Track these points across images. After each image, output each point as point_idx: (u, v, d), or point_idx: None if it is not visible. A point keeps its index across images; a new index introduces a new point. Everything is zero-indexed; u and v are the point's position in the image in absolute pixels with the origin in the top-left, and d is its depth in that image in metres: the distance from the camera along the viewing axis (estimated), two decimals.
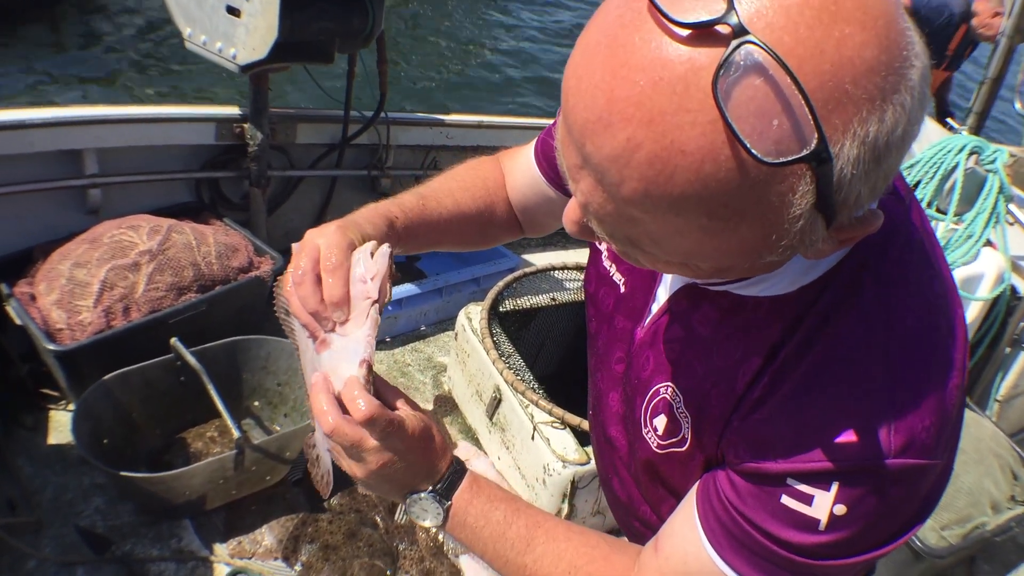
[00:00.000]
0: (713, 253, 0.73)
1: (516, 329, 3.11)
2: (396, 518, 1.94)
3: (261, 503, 2.53)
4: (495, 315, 2.98)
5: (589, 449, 2.52)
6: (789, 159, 0.62)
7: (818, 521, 0.84)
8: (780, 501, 0.86)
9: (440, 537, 2.55)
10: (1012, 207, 3.52)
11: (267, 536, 2.44)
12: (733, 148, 0.61)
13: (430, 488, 1.05)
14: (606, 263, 1.19)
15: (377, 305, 1.00)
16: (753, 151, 0.61)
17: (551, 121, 1.31)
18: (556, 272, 3.28)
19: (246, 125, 3.27)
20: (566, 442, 2.50)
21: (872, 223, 0.72)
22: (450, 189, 1.31)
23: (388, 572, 2.42)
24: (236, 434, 2.26)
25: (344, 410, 0.98)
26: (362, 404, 0.96)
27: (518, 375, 2.67)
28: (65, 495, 2.45)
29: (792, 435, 0.85)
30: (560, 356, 3.33)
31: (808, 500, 0.84)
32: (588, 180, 0.71)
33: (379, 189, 3.91)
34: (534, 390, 2.62)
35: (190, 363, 2.46)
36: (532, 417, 2.56)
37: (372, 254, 1.02)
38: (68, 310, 2.57)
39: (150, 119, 3.11)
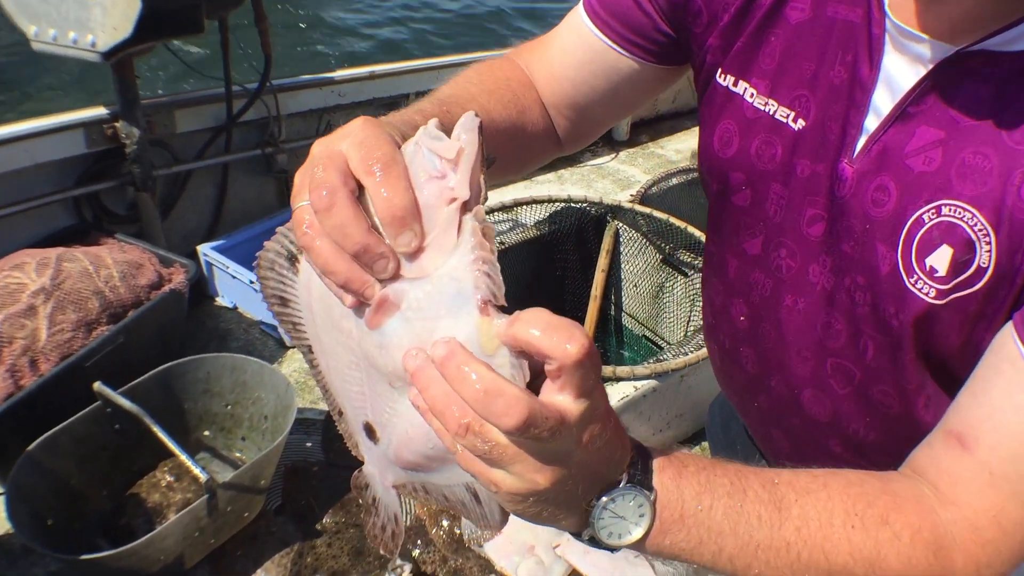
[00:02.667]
0: None
1: None
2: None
3: (247, 545, 2.24)
4: None
5: None
6: None
7: None
8: None
9: (457, 530, 2.27)
10: None
11: None
12: None
13: (623, 480, 0.70)
14: (758, 103, 0.96)
15: (472, 210, 0.65)
16: None
17: (461, 57, 1.02)
18: (499, 213, 3.01)
19: (118, 124, 2.94)
20: None
21: None
22: (471, 95, 1.02)
23: None
24: (203, 477, 1.95)
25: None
26: (510, 399, 0.59)
27: None
28: None
29: None
30: (519, 301, 3.05)
31: None
32: None
33: (276, 167, 3.61)
34: None
35: (123, 407, 2.14)
36: None
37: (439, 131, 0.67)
38: None
39: (6, 140, 2.76)
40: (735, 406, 1.24)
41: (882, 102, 0.86)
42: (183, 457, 2.00)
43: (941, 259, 0.81)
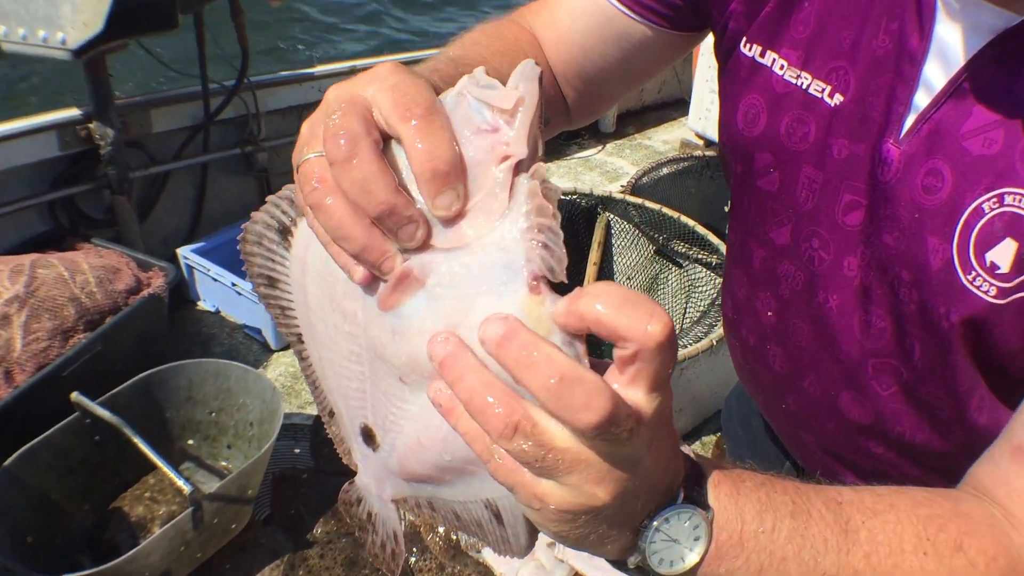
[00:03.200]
0: None
1: None
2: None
3: (235, 558, 2.16)
4: None
5: None
6: None
7: None
8: None
9: (454, 536, 2.20)
10: None
11: None
12: None
13: (680, 495, 0.59)
14: (788, 76, 0.86)
15: (530, 171, 0.54)
16: None
17: (435, 52, 0.93)
18: None
19: (92, 125, 2.86)
20: None
21: None
22: (482, 56, 0.93)
23: None
24: (187, 489, 1.88)
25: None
26: (590, 388, 0.48)
27: None
28: None
29: None
30: None
31: None
32: None
33: (256, 166, 3.54)
34: None
35: (103, 417, 2.07)
36: None
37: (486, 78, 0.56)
38: None
39: None
40: (759, 405, 1.15)
41: (934, 76, 0.77)
42: (165, 469, 1.92)
43: (1004, 254, 0.73)
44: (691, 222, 2.87)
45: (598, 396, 0.48)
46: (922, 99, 0.77)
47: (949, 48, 0.75)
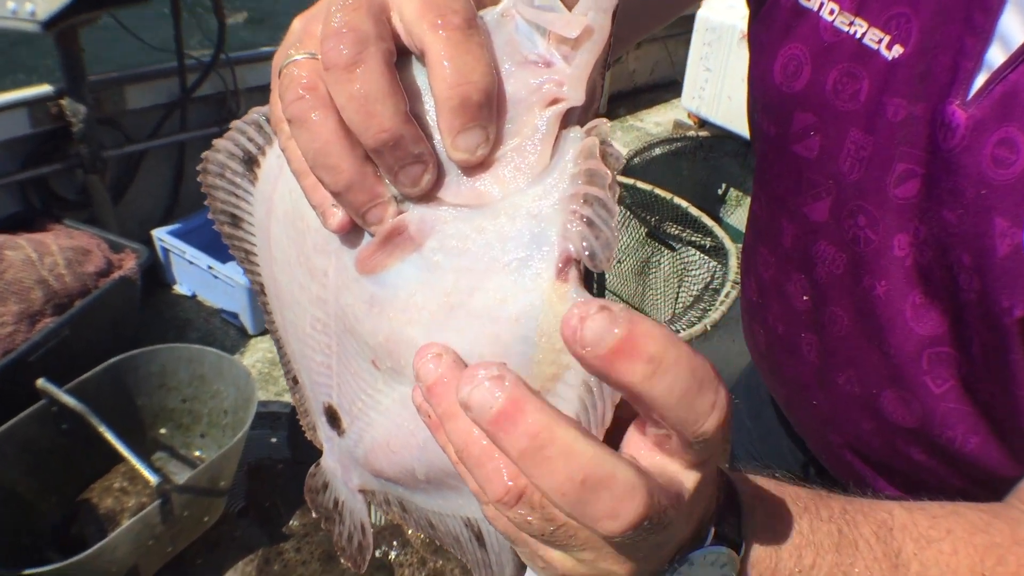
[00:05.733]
0: None
1: None
2: None
3: (207, 551, 2.09)
4: None
5: None
6: None
7: None
8: None
9: None
10: None
11: None
12: None
13: (710, 535, 0.49)
14: (840, 23, 0.75)
15: (587, 126, 0.43)
16: None
17: None
18: None
19: (63, 101, 2.78)
20: None
21: None
22: None
23: None
24: (153, 480, 1.80)
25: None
26: (621, 492, 0.38)
27: None
28: None
29: None
30: None
31: None
32: None
33: None
34: None
35: (68, 405, 1.98)
36: None
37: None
38: None
39: None
40: (779, 399, 1.04)
41: (1012, 29, 0.65)
42: (132, 459, 1.84)
43: None
44: (684, 203, 2.78)
45: (630, 499, 0.38)
46: (996, 55, 0.66)
47: (1013, 8, 0.64)
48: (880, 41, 0.72)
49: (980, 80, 0.66)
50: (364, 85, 0.40)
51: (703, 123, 3.99)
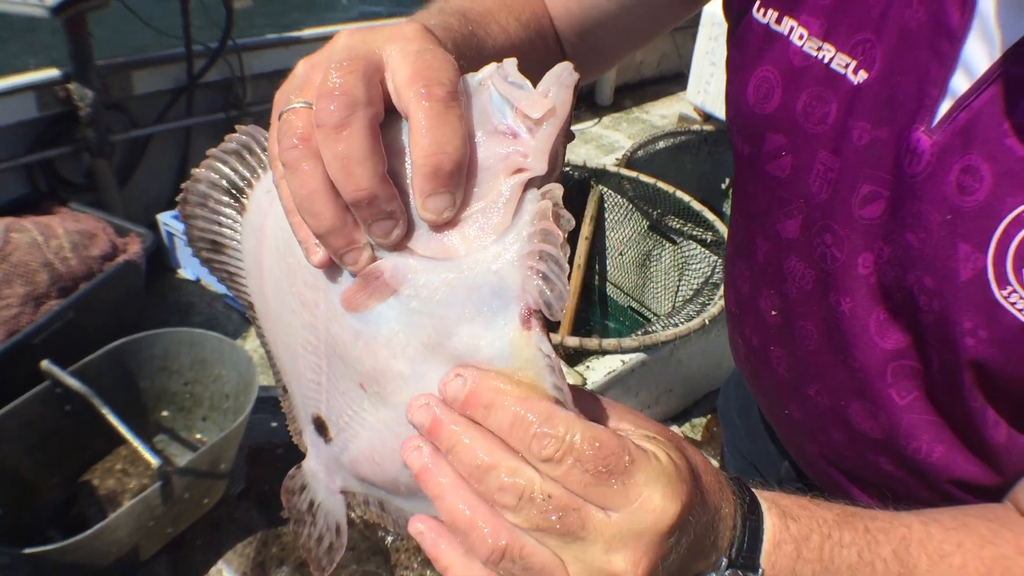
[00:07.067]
0: None
1: None
2: None
3: (207, 533, 2.12)
4: None
5: (581, 368, 2.13)
6: None
7: None
8: None
9: None
10: None
11: (227, 572, 2.07)
12: None
13: (724, 562, 0.55)
14: (808, 48, 0.76)
15: (542, 189, 0.48)
16: None
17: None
18: None
19: (71, 85, 2.79)
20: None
21: None
22: (489, 11, 0.83)
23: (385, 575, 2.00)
24: (155, 462, 1.81)
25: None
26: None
27: None
28: None
29: None
30: None
31: None
32: None
33: None
34: None
35: (72, 387, 2.00)
36: None
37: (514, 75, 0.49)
38: None
39: None
40: (761, 406, 1.06)
41: (976, 57, 0.66)
42: (134, 441, 1.86)
43: None
44: (687, 197, 2.79)
45: (619, 456, 0.47)
46: (960, 83, 0.67)
47: (994, 26, 0.65)
48: (847, 66, 0.74)
49: (944, 107, 0.67)
50: (347, 147, 0.46)
51: (708, 117, 4.00)
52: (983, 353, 0.68)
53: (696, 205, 2.78)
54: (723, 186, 3.61)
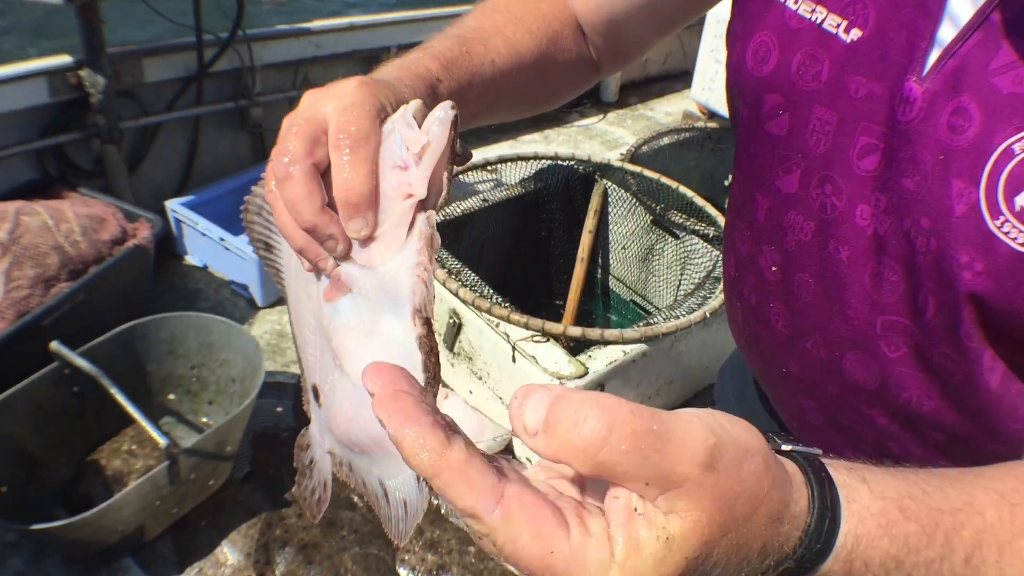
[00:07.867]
0: None
1: (450, 242, 2.70)
2: None
3: (211, 514, 2.13)
4: None
5: (583, 358, 2.16)
6: None
7: None
8: None
9: (436, 500, 2.16)
10: None
11: (231, 553, 2.05)
12: None
13: (790, 557, 0.52)
14: (803, 10, 0.82)
15: (426, 210, 0.62)
16: None
17: (445, 11, 0.90)
18: (482, 171, 2.89)
19: (83, 72, 2.80)
20: (555, 355, 2.14)
21: None
22: (495, 25, 0.93)
23: (388, 559, 2.02)
24: (162, 442, 1.83)
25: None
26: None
27: (477, 291, 2.26)
28: None
29: None
30: (501, 262, 2.95)
31: None
32: None
33: (250, 121, 3.48)
34: (501, 304, 2.23)
35: (82, 368, 2.02)
36: (507, 336, 2.17)
37: (415, 117, 0.62)
38: None
39: None
40: (756, 373, 1.09)
41: (960, 8, 0.71)
42: (142, 421, 1.88)
43: None
44: (690, 192, 2.82)
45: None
46: (947, 33, 0.72)
47: None
48: (838, 26, 0.79)
49: (933, 56, 0.72)
50: (290, 192, 0.62)
51: (712, 115, 4.02)
52: (981, 286, 0.71)
53: (699, 200, 2.80)
54: (726, 183, 3.62)
